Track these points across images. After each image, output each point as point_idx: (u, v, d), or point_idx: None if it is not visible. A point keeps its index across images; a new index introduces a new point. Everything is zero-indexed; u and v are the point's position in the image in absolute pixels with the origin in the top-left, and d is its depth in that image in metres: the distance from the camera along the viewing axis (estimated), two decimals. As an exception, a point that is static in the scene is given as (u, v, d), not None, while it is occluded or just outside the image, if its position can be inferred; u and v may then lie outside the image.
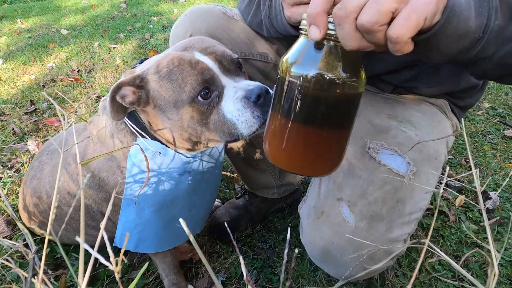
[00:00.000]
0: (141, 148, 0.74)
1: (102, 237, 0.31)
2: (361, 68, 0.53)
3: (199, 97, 0.72)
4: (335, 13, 0.47)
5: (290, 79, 0.52)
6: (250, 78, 1.03)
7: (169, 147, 0.82)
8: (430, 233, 0.30)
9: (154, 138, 0.81)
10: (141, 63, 0.83)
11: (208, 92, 0.73)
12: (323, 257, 0.80)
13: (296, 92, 0.52)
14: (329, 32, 0.50)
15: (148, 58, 0.83)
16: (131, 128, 0.81)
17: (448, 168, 0.49)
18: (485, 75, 0.66)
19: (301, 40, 0.54)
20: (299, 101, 0.52)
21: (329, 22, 0.49)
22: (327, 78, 0.50)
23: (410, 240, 0.85)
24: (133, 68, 0.84)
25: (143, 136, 0.81)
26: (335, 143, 0.57)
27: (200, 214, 1.04)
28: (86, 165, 0.87)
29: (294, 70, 0.52)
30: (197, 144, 0.81)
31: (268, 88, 0.73)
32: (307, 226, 0.84)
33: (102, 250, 1.16)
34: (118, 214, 0.88)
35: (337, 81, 0.50)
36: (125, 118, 0.80)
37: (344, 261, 0.76)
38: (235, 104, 0.73)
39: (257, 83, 0.75)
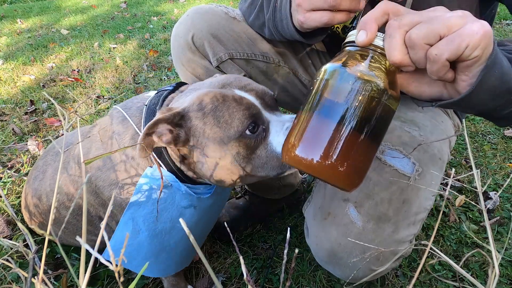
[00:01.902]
0: (161, 174, 0.71)
1: (102, 237, 0.31)
2: (397, 86, 0.55)
3: (247, 131, 0.71)
4: (390, 23, 0.51)
5: (332, 83, 0.54)
6: (252, 79, 1.04)
7: (183, 181, 0.80)
8: (433, 235, 0.30)
9: (170, 170, 0.79)
10: (175, 87, 0.83)
11: (255, 126, 0.72)
12: (330, 258, 0.80)
13: (333, 97, 0.53)
14: (376, 42, 0.53)
15: (180, 82, 0.84)
16: (151, 155, 0.78)
17: (454, 170, 0.49)
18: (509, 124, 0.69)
19: (344, 52, 0.57)
20: (338, 107, 0.53)
21: (377, 37, 0.53)
22: (367, 86, 0.52)
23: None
24: (157, 93, 0.83)
25: (160, 165, 0.78)
26: (368, 157, 0.56)
27: (201, 241, 1.03)
28: (85, 171, 0.86)
29: (335, 77, 0.54)
30: (229, 184, 0.78)
31: None
32: (313, 227, 0.83)
33: (103, 250, 1.15)
34: (114, 220, 0.87)
35: (375, 89, 0.52)
36: None
37: (351, 262, 0.76)
38: (283, 136, 0.72)
39: None
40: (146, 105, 0.82)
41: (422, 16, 0.49)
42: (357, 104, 0.52)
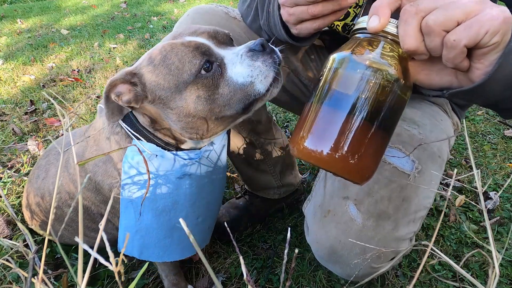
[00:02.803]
0: (139, 149, 0.72)
1: (102, 238, 0.31)
2: (409, 74, 0.53)
3: (202, 71, 0.69)
4: (405, 9, 0.49)
5: (342, 72, 0.52)
6: None
7: (167, 149, 0.80)
8: (434, 235, 0.30)
9: (150, 140, 0.79)
10: None
11: (209, 64, 0.70)
12: (330, 256, 0.80)
13: (342, 87, 0.51)
14: (388, 29, 0.51)
15: None
16: (126, 130, 0.79)
17: (455, 170, 0.49)
18: None
19: (354, 39, 0.55)
20: (349, 95, 0.51)
21: (390, 23, 0.51)
22: (379, 74, 0.50)
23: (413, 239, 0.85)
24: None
25: (138, 139, 0.78)
26: (380, 148, 0.54)
27: (207, 223, 0.99)
28: (83, 168, 0.86)
29: (344, 66, 0.52)
30: (209, 129, 0.77)
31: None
32: (313, 225, 0.84)
33: (103, 250, 1.16)
34: (117, 216, 0.87)
35: (387, 78, 0.50)
36: (120, 120, 0.78)
37: (351, 260, 0.76)
38: (242, 63, 0.71)
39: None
40: None
41: (437, 2, 0.47)
42: (368, 93, 0.50)
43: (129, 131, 0.78)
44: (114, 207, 0.86)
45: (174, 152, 0.80)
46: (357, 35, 0.55)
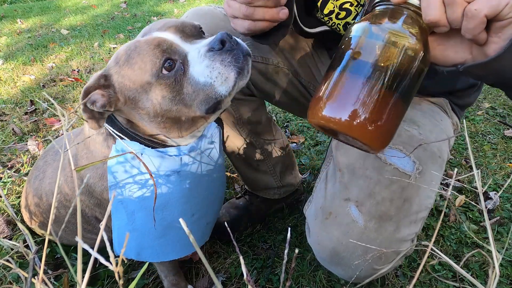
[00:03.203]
0: (131, 149, 0.69)
1: (102, 237, 0.31)
2: (429, 47, 0.55)
3: (163, 71, 0.67)
4: None
5: (363, 40, 0.54)
6: (251, 81, 1.03)
7: (151, 146, 0.78)
8: (434, 235, 0.30)
9: (133, 138, 0.77)
10: None
11: (172, 62, 0.67)
12: (332, 258, 0.80)
13: (364, 55, 0.53)
14: (411, 0, 0.53)
15: None
16: (109, 130, 0.77)
17: (456, 170, 0.49)
18: None
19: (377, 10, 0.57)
20: (373, 62, 0.52)
21: None
22: (401, 43, 0.52)
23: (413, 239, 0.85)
24: None
25: (121, 138, 0.76)
26: (397, 117, 0.55)
27: (204, 220, 0.97)
28: (77, 175, 0.85)
29: (367, 34, 0.54)
30: (183, 127, 0.75)
31: (229, 33, 0.69)
32: (315, 227, 0.83)
33: (103, 250, 1.15)
34: (110, 218, 0.86)
35: (408, 47, 0.52)
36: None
37: (353, 262, 0.76)
38: (201, 63, 0.67)
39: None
40: None
41: None
42: (389, 62, 0.52)
43: (112, 131, 0.77)
44: (106, 208, 0.86)
45: (160, 149, 0.78)
46: (379, 8, 0.57)
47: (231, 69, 0.67)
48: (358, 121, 0.52)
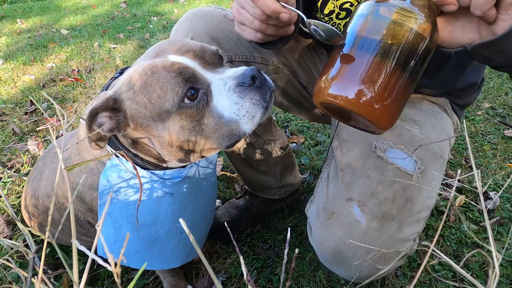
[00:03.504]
0: (138, 175, 0.66)
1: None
2: (437, 27, 0.54)
3: (185, 100, 0.63)
4: None
5: (371, 17, 0.53)
6: None
7: (147, 168, 0.76)
8: (436, 236, 0.30)
9: (130, 158, 0.74)
10: (121, 73, 0.75)
11: (194, 91, 0.64)
12: (335, 258, 0.80)
13: (372, 32, 0.52)
14: None
15: (127, 67, 0.74)
16: (106, 148, 0.75)
17: (458, 171, 0.49)
18: None
19: None
20: (384, 39, 0.52)
21: None
22: (409, 20, 0.51)
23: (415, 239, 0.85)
24: (109, 82, 0.76)
25: (117, 156, 0.74)
26: (404, 96, 0.55)
27: (195, 236, 0.97)
28: (68, 177, 0.84)
29: (375, 11, 0.53)
30: (190, 154, 0.72)
31: (258, 69, 0.67)
32: (317, 227, 0.83)
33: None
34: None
35: (417, 24, 0.51)
36: None
37: (356, 262, 0.76)
38: (229, 98, 0.64)
39: (243, 67, 0.67)
40: None
41: None
42: (396, 39, 0.51)
43: (111, 151, 0.75)
44: (96, 213, 0.85)
45: (156, 172, 0.77)
46: None
47: (259, 108, 0.65)
48: (365, 98, 0.52)
